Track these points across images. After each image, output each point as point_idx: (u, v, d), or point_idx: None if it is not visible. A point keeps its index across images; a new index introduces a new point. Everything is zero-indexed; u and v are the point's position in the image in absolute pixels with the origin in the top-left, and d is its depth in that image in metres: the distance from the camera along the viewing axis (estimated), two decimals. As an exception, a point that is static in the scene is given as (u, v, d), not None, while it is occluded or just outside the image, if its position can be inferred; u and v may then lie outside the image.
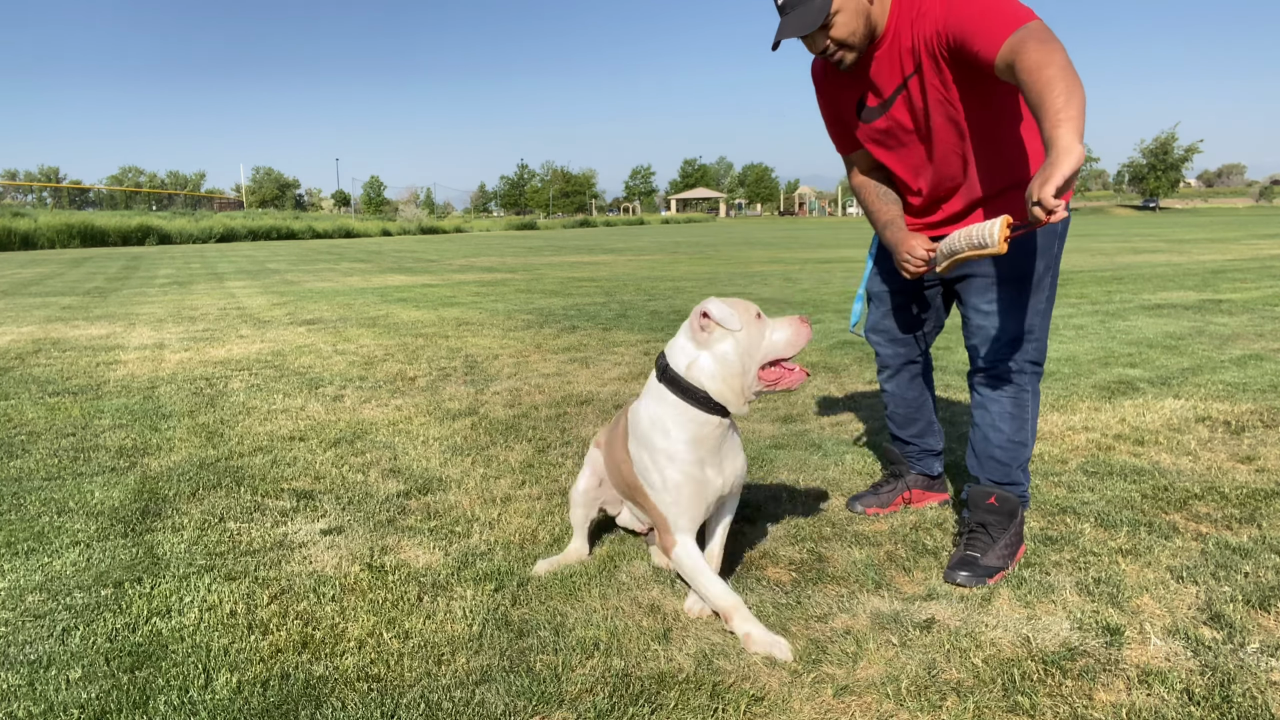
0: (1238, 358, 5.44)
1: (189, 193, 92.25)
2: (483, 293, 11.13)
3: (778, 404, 4.53)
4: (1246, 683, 1.85)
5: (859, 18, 2.25)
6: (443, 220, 73.06)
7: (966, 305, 2.55)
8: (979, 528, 2.45)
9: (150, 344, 7.09)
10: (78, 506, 3.09)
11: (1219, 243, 19.11)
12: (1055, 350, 5.86)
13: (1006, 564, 2.39)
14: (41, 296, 11.65)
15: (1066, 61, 1.91)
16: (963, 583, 2.32)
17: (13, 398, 4.98)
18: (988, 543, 2.41)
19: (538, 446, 3.80)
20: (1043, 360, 2.49)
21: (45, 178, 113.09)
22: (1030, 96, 1.92)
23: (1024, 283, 2.40)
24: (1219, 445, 3.59)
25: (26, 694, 1.89)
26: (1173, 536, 2.65)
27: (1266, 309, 7.72)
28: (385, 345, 6.77)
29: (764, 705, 1.82)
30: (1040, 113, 1.88)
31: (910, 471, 2.96)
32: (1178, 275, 11.22)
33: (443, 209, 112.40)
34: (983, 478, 2.55)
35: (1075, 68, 1.91)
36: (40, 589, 2.42)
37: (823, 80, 2.57)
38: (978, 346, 2.52)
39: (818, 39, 2.29)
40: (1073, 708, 1.78)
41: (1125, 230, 29.35)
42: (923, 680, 1.90)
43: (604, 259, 18.78)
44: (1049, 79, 1.88)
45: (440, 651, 2.05)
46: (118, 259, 23.20)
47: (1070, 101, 1.86)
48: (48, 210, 53.13)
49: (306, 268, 17.69)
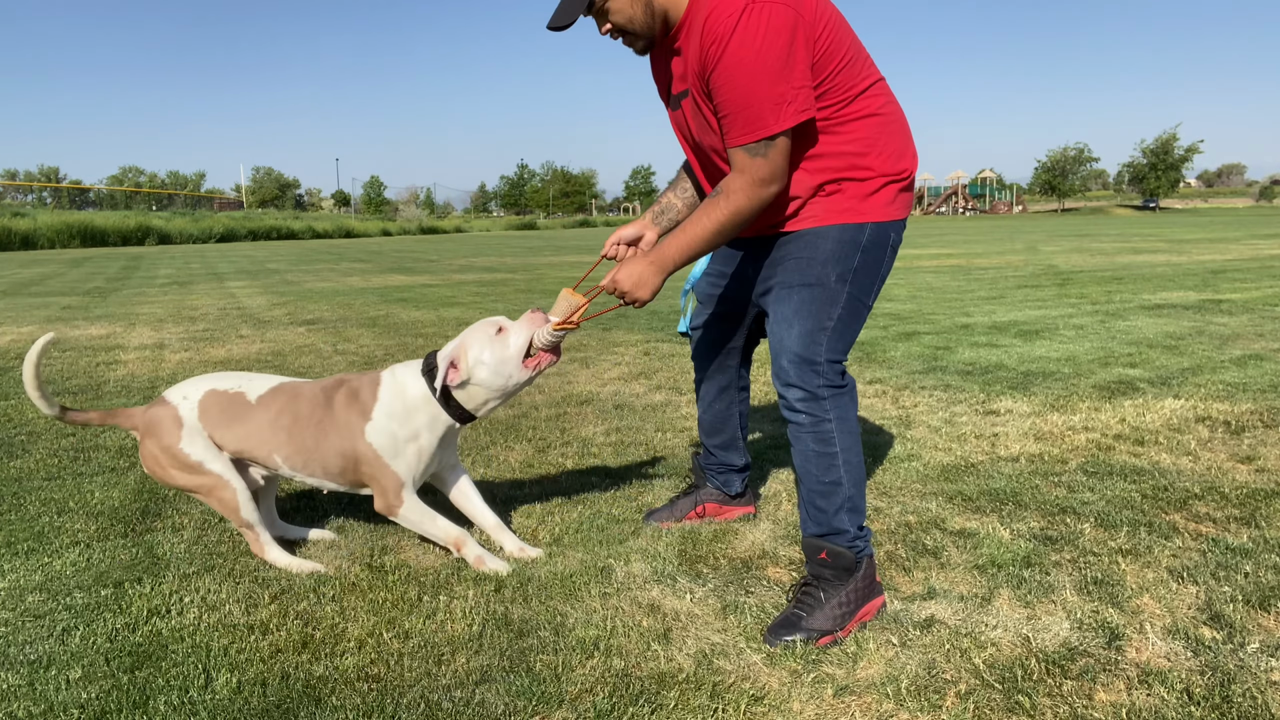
0: (1238, 358, 5.44)
1: (189, 193, 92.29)
2: (483, 293, 11.13)
3: (778, 405, 4.53)
4: (1246, 683, 1.85)
5: (636, 5, 2.09)
6: (443, 220, 73.10)
7: (765, 319, 2.33)
8: (812, 582, 2.18)
9: (150, 344, 7.09)
10: (78, 506, 3.09)
11: (1219, 243, 19.12)
12: (1055, 350, 5.87)
13: (838, 627, 2.09)
14: (41, 296, 11.65)
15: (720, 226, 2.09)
16: (782, 645, 2.05)
17: (13, 398, 4.98)
18: (817, 601, 2.12)
19: (538, 446, 3.80)
20: (841, 381, 2.19)
21: (45, 178, 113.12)
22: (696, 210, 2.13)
23: (810, 291, 2.17)
24: (1219, 445, 3.59)
25: (26, 694, 1.89)
26: (1173, 536, 2.65)
27: (1266, 309, 7.72)
28: (385, 345, 6.78)
29: (764, 705, 1.82)
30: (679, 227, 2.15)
31: (706, 485, 2.88)
32: (1178, 275, 11.23)
33: (443, 209, 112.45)
34: (808, 528, 2.25)
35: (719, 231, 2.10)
36: (40, 589, 2.42)
37: (651, 63, 2.38)
38: (773, 370, 2.26)
39: (598, 21, 2.14)
40: (1073, 708, 1.78)
41: (1125, 230, 29.37)
42: (923, 680, 1.90)
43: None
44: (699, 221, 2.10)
45: (440, 651, 2.05)
46: (118, 259, 23.20)
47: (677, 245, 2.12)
48: (48, 210, 53.19)
49: (306, 268, 17.69)
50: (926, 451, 3.59)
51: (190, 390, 2.57)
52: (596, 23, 2.16)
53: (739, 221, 2.08)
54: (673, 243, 2.13)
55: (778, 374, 2.22)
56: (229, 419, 2.53)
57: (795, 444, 2.24)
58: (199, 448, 2.49)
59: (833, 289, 2.17)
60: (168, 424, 2.50)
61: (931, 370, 5.31)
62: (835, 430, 2.18)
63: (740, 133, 2.00)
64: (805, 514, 2.26)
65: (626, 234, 2.46)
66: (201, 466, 2.49)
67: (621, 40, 2.18)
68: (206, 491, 2.51)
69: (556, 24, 2.07)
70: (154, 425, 2.52)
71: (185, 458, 2.48)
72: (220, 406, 2.53)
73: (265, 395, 2.55)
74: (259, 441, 2.52)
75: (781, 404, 2.25)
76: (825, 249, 2.17)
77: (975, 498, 3.01)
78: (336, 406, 2.51)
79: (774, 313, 2.25)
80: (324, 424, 2.50)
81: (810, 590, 2.16)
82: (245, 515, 2.51)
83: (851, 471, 2.20)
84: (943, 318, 7.68)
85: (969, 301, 8.90)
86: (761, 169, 2.01)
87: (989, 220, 56.92)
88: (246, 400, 2.54)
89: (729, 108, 2.00)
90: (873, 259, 2.19)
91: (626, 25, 2.12)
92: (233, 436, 2.52)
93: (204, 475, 2.49)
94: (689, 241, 2.11)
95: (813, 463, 2.20)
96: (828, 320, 2.17)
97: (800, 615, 2.10)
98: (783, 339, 2.20)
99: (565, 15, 2.06)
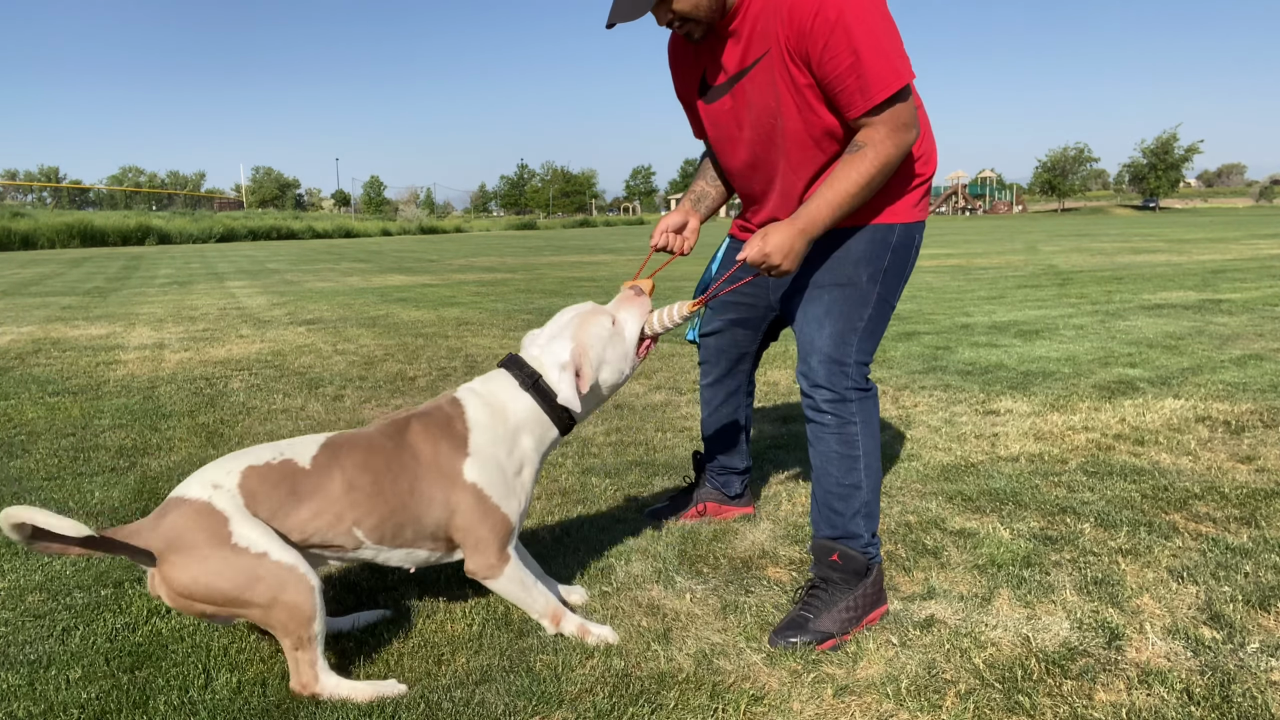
0: (1238, 358, 5.44)
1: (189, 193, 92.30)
2: (483, 293, 11.13)
3: (779, 405, 4.53)
4: (1246, 683, 1.85)
5: None
6: (443, 220, 73.08)
7: (791, 320, 2.33)
8: (820, 584, 2.16)
9: (150, 344, 7.09)
10: (78, 506, 3.09)
11: (1219, 243, 19.11)
12: (1055, 350, 5.87)
13: (844, 630, 2.08)
14: (41, 296, 11.65)
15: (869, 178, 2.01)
16: (784, 647, 2.04)
17: (13, 398, 4.99)
18: (824, 603, 2.11)
19: (538, 446, 3.80)
20: (867, 384, 2.20)
21: (45, 178, 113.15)
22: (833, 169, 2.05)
23: (842, 291, 2.18)
24: (1219, 445, 3.59)
25: (26, 694, 1.89)
26: (1173, 536, 2.65)
27: (1266, 309, 7.72)
28: (385, 345, 6.78)
29: (764, 705, 1.82)
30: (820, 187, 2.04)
31: (705, 485, 2.88)
32: (1178, 275, 11.23)
33: (443, 209, 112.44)
34: (820, 530, 2.24)
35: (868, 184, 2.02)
36: (40, 589, 2.42)
37: (675, 57, 2.36)
38: (800, 369, 2.25)
39: (661, 11, 2.07)
40: (1073, 708, 1.78)
41: (1125, 230, 29.36)
42: (923, 680, 1.90)
43: (604, 259, 18.78)
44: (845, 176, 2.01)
45: (440, 651, 2.05)
46: (117, 259, 23.20)
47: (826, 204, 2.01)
48: (48, 210, 53.19)
49: (306, 268, 17.69)
50: (926, 451, 3.59)
51: (219, 476, 1.88)
52: (656, 15, 2.10)
53: (887, 172, 2.02)
54: (819, 205, 2.01)
55: (805, 373, 2.21)
56: (289, 497, 1.89)
57: (816, 444, 2.22)
58: (257, 535, 1.82)
59: (864, 289, 2.18)
60: (205, 525, 1.80)
61: (931, 370, 5.31)
62: (860, 433, 2.17)
63: (879, 88, 1.93)
64: (819, 515, 2.24)
65: (673, 222, 2.44)
66: (266, 559, 1.80)
67: (679, 27, 2.11)
68: (271, 595, 1.79)
69: (623, 19, 1.98)
70: (182, 536, 1.79)
71: (242, 555, 1.79)
72: (271, 483, 1.88)
73: (321, 456, 1.95)
74: (335, 516, 1.91)
75: (806, 403, 2.24)
76: (857, 249, 2.18)
77: (975, 498, 3.01)
78: (416, 446, 1.99)
79: (803, 312, 2.24)
80: (407, 472, 1.97)
81: (818, 592, 2.14)
82: (318, 626, 1.84)
83: (871, 476, 2.20)
84: (943, 318, 7.68)
85: (969, 301, 8.90)
86: (903, 114, 1.98)
87: (989, 220, 56.93)
88: (301, 468, 1.92)
89: (855, 68, 1.93)
90: (900, 259, 2.21)
91: (691, 12, 2.05)
92: (300, 519, 1.89)
93: (268, 571, 1.79)
94: (837, 199, 2.01)
95: (834, 464, 2.19)
96: (858, 321, 2.17)
97: (807, 617, 2.09)
98: (813, 339, 2.19)
99: (636, 9, 1.97)
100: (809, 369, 2.20)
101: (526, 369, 2.10)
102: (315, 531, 1.89)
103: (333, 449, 1.96)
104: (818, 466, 2.23)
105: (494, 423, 2.04)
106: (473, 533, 1.99)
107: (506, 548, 2.03)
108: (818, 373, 2.18)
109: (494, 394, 2.08)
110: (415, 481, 1.97)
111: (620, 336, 2.13)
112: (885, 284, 2.19)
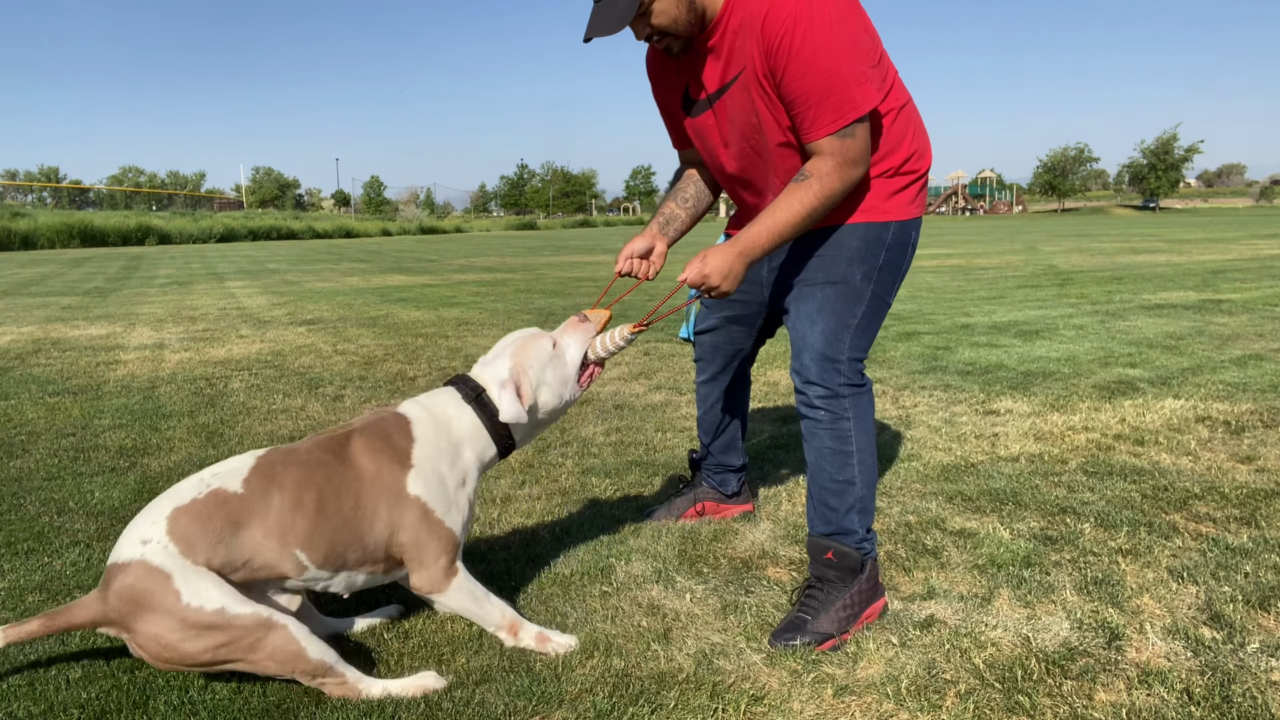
0: (1238, 358, 5.44)
1: (189, 193, 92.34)
2: (483, 293, 11.13)
3: (779, 405, 4.53)
4: (1246, 683, 1.85)
5: (680, 4, 2.03)
6: (443, 220, 73.09)
7: (785, 315, 2.33)
8: (816, 584, 2.16)
9: (150, 344, 7.09)
10: (78, 506, 3.09)
11: (1219, 243, 19.12)
12: (1055, 350, 5.87)
13: (843, 629, 2.09)
14: (41, 296, 11.65)
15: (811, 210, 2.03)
16: (784, 649, 2.03)
17: (13, 398, 4.99)
18: (821, 603, 2.11)
19: (538, 446, 3.80)
20: (861, 380, 2.20)
21: (45, 178, 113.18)
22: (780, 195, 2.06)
23: (835, 288, 2.18)
24: (1219, 445, 3.59)
25: (26, 694, 1.89)
26: (1173, 536, 2.65)
27: (1266, 309, 7.72)
28: (385, 345, 6.78)
29: (764, 705, 1.82)
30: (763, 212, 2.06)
31: (703, 484, 2.88)
32: (1178, 275, 11.23)
33: (443, 209, 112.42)
34: (815, 526, 2.24)
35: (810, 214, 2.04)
36: (40, 589, 2.42)
37: (654, 69, 2.36)
38: (793, 366, 2.25)
39: (639, 26, 2.07)
40: (1073, 708, 1.78)
41: (1125, 230, 29.36)
42: (923, 680, 1.90)
43: (604, 259, 18.79)
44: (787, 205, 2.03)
45: (440, 651, 2.05)
46: (117, 259, 23.20)
47: (766, 230, 2.03)
48: (48, 210, 53.22)
49: (306, 268, 17.69)
50: (926, 451, 3.59)
51: (145, 529, 1.78)
52: (634, 30, 2.10)
53: (829, 204, 2.04)
54: (759, 231, 2.04)
55: (798, 370, 2.22)
56: (227, 527, 1.79)
57: (810, 440, 2.23)
58: (209, 591, 1.73)
59: (857, 287, 2.17)
60: (148, 588, 1.71)
61: (931, 370, 5.31)
62: (853, 429, 2.18)
63: (830, 119, 1.96)
64: (814, 512, 2.24)
65: (638, 247, 2.39)
66: (226, 615, 1.72)
67: (657, 42, 2.12)
68: (247, 649, 1.75)
69: (602, 33, 1.98)
70: (133, 604, 1.72)
71: (199, 615, 1.71)
72: (203, 520, 1.78)
73: (254, 477, 1.86)
74: (279, 540, 1.82)
75: (799, 400, 2.24)
76: (850, 246, 2.18)
77: (975, 498, 3.01)
78: (357, 459, 1.93)
79: (796, 309, 2.24)
80: (349, 488, 1.90)
81: (814, 593, 2.15)
82: (315, 655, 1.78)
83: (865, 472, 2.20)
84: (943, 318, 7.68)
85: (969, 301, 8.90)
86: (851, 149, 1.99)
87: (989, 220, 56.93)
88: (233, 494, 1.83)
89: (812, 95, 1.95)
90: (895, 257, 2.21)
91: (670, 27, 2.05)
92: (244, 548, 1.80)
93: (234, 628, 1.73)
94: (777, 227, 2.04)
95: (827, 460, 2.20)
96: (851, 318, 2.17)
97: (805, 619, 2.09)
98: (806, 335, 2.20)
99: (613, 24, 1.97)
100: (802, 365, 2.21)
101: (471, 383, 2.11)
102: (261, 560, 1.81)
103: (267, 468, 1.89)
104: (812, 463, 2.24)
105: (437, 436, 2.02)
106: (418, 548, 1.95)
107: (454, 561, 1.99)
108: (810, 369, 2.18)
109: (438, 407, 2.07)
110: (358, 497, 1.91)
111: (561, 360, 2.15)
112: (880, 281, 2.19)
